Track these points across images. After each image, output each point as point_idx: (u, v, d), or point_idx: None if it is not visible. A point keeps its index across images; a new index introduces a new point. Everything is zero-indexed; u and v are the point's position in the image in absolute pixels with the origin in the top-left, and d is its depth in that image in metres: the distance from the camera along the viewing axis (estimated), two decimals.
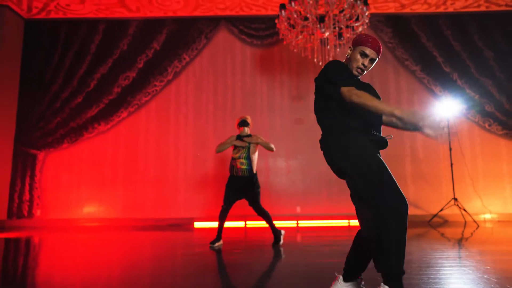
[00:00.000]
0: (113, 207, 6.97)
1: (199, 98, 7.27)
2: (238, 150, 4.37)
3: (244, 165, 4.30)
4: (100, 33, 7.29)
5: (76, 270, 3.57)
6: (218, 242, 4.31)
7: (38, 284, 3.02)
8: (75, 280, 3.17)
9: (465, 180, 6.83)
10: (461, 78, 7.01)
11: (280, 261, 3.76)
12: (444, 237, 5.23)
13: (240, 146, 4.35)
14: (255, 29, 7.27)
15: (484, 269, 3.08)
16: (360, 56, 2.09)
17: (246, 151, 4.36)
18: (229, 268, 3.60)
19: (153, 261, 3.94)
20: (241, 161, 4.31)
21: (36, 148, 6.94)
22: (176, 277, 3.19)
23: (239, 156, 4.33)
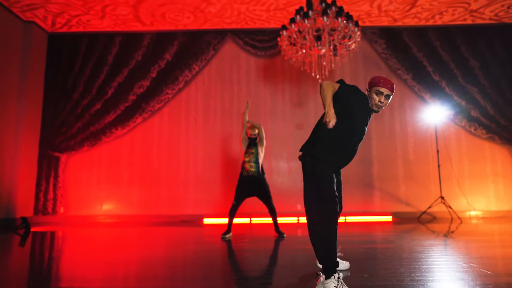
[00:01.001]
0: (130, 204, 7.56)
1: (207, 104, 7.86)
2: (249, 154, 5.07)
3: (253, 167, 5.04)
4: (117, 45, 7.87)
5: (96, 263, 3.90)
6: (228, 234, 4.99)
7: (62, 277, 3.33)
8: (96, 272, 3.47)
9: (452, 180, 7.41)
10: (449, 85, 7.58)
11: (282, 251, 4.35)
12: (430, 230, 5.83)
13: (251, 152, 5.04)
14: (259, 41, 7.85)
15: (465, 257, 3.62)
16: (376, 95, 2.55)
17: (255, 156, 5.08)
18: (236, 259, 4.11)
19: (167, 254, 4.30)
20: (251, 164, 5.03)
21: (59, 151, 7.54)
22: (188, 269, 3.55)
23: (249, 160, 5.04)
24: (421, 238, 4.85)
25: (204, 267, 3.50)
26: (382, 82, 2.54)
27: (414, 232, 5.85)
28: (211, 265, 3.62)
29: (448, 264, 3.21)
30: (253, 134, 5.12)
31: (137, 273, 3.44)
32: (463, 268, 3.00)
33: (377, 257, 3.62)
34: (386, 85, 2.53)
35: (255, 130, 5.14)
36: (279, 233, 5.06)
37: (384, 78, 2.56)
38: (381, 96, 2.54)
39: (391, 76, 7.90)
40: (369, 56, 7.96)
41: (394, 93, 2.62)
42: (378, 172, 7.61)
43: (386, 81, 2.55)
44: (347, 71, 7.87)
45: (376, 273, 2.92)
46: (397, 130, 7.75)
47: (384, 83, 2.54)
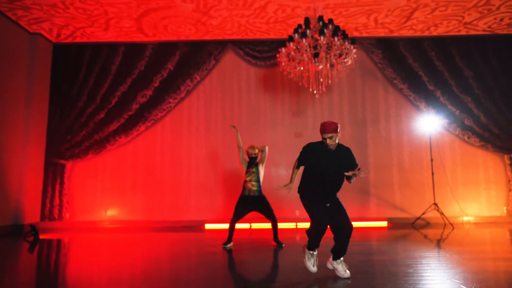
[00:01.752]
0: (133, 210, 7.78)
1: (209, 113, 8.05)
2: (250, 174, 5.24)
3: (254, 187, 5.22)
4: (120, 55, 8.04)
5: (102, 268, 4.11)
6: (229, 243, 5.19)
7: (69, 282, 3.52)
8: (102, 277, 3.67)
9: (445, 187, 7.64)
10: (443, 95, 7.78)
11: (282, 257, 4.57)
12: (425, 237, 6.07)
13: (251, 171, 5.22)
14: (259, 51, 8.04)
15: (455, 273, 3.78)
16: (324, 139, 3.39)
17: (256, 175, 5.24)
18: (236, 264, 4.32)
19: (170, 259, 4.55)
20: (252, 183, 5.21)
21: (65, 158, 7.73)
22: (191, 272, 3.78)
23: (250, 179, 5.21)
24: (413, 248, 5.08)
25: (206, 271, 3.64)
26: (322, 129, 3.37)
27: (408, 238, 6.10)
28: (213, 270, 3.77)
29: (436, 282, 3.42)
30: (253, 153, 5.27)
31: (142, 277, 3.62)
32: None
33: (368, 271, 3.83)
34: (326, 131, 3.35)
35: (255, 150, 5.28)
36: (278, 243, 5.23)
37: (324, 126, 3.37)
38: (326, 140, 3.36)
39: (387, 86, 8.11)
40: (366, 66, 8.15)
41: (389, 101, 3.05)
42: (374, 179, 7.83)
43: (325, 127, 3.36)
44: (344, 81, 8.07)
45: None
46: (393, 138, 7.96)
47: (324, 130, 3.37)
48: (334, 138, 3.36)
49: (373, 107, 8.07)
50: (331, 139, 3.34)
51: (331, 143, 3.35)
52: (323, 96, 8.02)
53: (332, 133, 3.33)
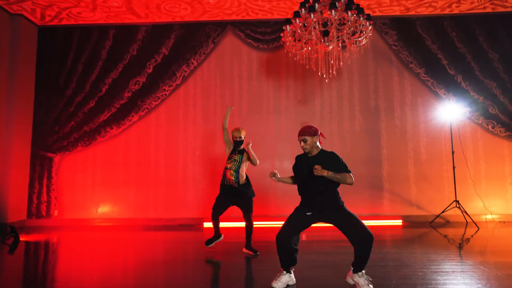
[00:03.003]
0: (126, 207, 7.25)
1: (207, 101, 7.45)
2: (231, 161, 4.63)
3: (233, 176, 4.58)
4: (111, 39, 7.44)
5: (92, 269, 3.89)
6: (218, 238, 4.70)
7: (58, 284, 3.31)
8: (93, 279, 3.48)
9: (467, 181, 6.96)
10: (465, 80, 7.05)
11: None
12: (448, 239, 5.44)
13: (234, 159, 4.62)
14: (261, 33, 7.36)
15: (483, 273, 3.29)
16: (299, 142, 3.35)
17: (237, 164, 4.61)
18: (236, 266, 3.91)
19: (166, 260, 4.25)
20: (231, 172, 4.59)
21: (52, 151, 7.21)
22: (188, 276, 3.51)
23: (230, 167, 4.60)
24: (432, 252, 4.48)
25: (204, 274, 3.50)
26: (298, 133, 3.35)
27: (426, 240, 5.51)
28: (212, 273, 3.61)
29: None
30: (237, 136, 4.65)
31: (135, 280, 3.46)
32: None
33: (381, 283, 3.24)
34: (299, 134, 3.32)
35: (240, 133, 4.66)
36: (252, 250, 4.60)
37: (301, 129, 3.34)
38: (300, 143, 3.31)
39: (402, 70, 7.40)
40: (379, 49, 7.43)
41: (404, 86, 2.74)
42: (387, 173, 7.18)
43: (300, 130, 3.33)
44: (355, 64, 7.39)
45: None
46: (409, 128, 7.28)
47: (299, 133, 3.34)
48: (309, 142, 3.26)
49: (386, 94, 7.36)
50: (305, 143, 3.27)
51: (305, 147, 3.27)
52: (331, 82, 7.37)
53: (305, 136, 3.27)
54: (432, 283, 3.32)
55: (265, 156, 7.16)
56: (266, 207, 7.11)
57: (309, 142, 3.26)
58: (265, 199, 7.13)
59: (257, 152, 7.00)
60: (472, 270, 3.76)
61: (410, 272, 3.69)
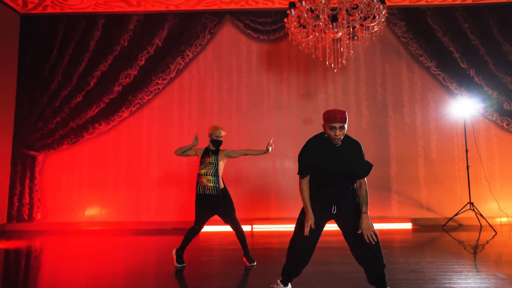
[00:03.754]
0: (116, 210, 6.79)
1: (203, 96, 7.01)
2: (205, 165, 4.05)
3: (211, 182, 3.99)
4: (100, 29, 6.97)
5: (79, 279, 3.64)
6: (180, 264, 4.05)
7: None
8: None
9: (481, 182, 6.56)
10: (478, 74, 6.64)
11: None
12: (462, 245, 5.03)
13: (208, 162, 4.05)
14: (262, 23, 6.92)
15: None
16: (330, 130, 2.71)
17: (214, 167, 4.04)
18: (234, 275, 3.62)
19: (157, 268, 4.00)
20: (208, 177, 4.00)
21: (35, 149, 6.73)
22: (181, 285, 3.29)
23: (205, 172, 4.03)
24: (444, 259, 4.05)
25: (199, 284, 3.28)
26: (330, 118, 2.69)
27: (437, 245, 5.11)
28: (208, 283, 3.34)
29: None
30: (218, 135, 4.08)
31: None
32: None
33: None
34: (336, 120, 2.68)
35: (221, 131, 4.08)
36: (250, 260, 4.06)
37: (333, 113, 2.70)
38: (335, 131, 2.70)
39: (411, 64, 6.98)
40: (387, 41, 6.99)
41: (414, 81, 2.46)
42: (396, 173, 6.74)
43: (335, 115, 2.69)
44: (362, 57, 6.95)
45: None
46: (418, 125, 6.86)
47: (332, 118, 2.69)
48: (344, 130, 2.74)
49: (395, 89, 6.93)
50: (341, 130, 2.71)
51: (340, 136, 2.71)
52: (336, 76, 6.94)
53: (342, 123, 2.70)
54: None
55: (266, 155, 6.48)
56: (267, 209, 6.70)
57: (344, 131, 2.74)
58: (265, 200, 6.72)
59: None
60: (488, 278, 3.41)
61: (419, 277, 3.30)
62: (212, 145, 4.12)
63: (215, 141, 4.09)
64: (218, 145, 4.11)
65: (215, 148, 4.12)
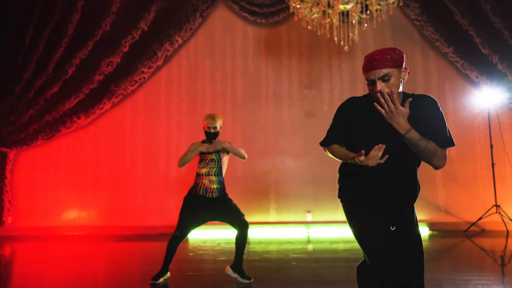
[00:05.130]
0: (96, 213, 6.51)
1: (194, 87, 6.72)
2: (206, 163, 3.50)
3: (214, 183, 3.45)
4: (79, 12, 6.49)
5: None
6: (164, 276, 3.49)
7: None
8: None
9: (507, 181, 6.09)
10: (502, 61, 6.13)
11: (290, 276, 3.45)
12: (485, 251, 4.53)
13: (209, 159, 3.50)
14: (259, 5, 6.57)
15: None
16: (369, 85, 1.84)
17: (217, 164, 3.49)
18: None
19: (142, 278, 3.77)
20: (210, 178, 3.45)
21: (6, 145, 6.36)
22: None
23: (207, 172, 3.47)
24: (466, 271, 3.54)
25: None
26: (367, 63, 1.82)
27: (457, 254, 4.67)
28: None
29: None
30: (212, 126, 3.48)
31: None
32: None
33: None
34: (373, 66, 1.78)
35: (215, 121, 3.50)
36: (245, 276, 3.42)
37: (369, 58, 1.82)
38: (374, 84, 1.80)
39: (427, 50, 6.53)
40: (399, 24, 6.57)
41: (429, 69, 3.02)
42: None
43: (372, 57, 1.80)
44: (371, 42, 6.52)
45: None
46: None
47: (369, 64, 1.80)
48: (394, 79, 1.77)
49: (408, 77, 6.26)
50: (386, 82, 1.77)
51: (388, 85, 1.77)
52: (342, 64, 6.69)
53: (388, 69, 1.76)
54: None
55: (264, 152, 6.47)
56: (265, 213, 6.38)
57: (395, 80, 1.78)
58: (263, 203, 6.39)
59: (254, 147, 6.31)
60: None
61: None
62: (208, 138, 3.54)
63: (209, 134, 3.50)
64: (213, 138, 3.52)
65: (212, 142, 3.54)
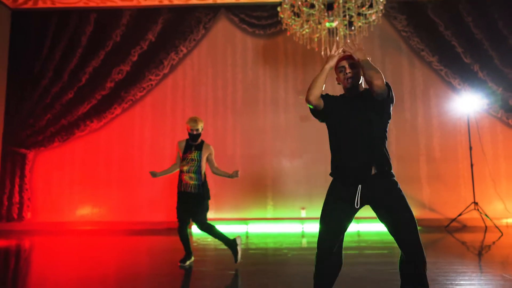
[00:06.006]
0: (108, 209, 6.75)
1: (197, 93, 7.00)
2: (187, 162, 3.84)
3: (193, 180, 3.80)
4: (92, 24, 6.96)
5: (69, 279, 3.60)
6: (189, 259, 3.90)
7: None
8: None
9: (486, 181, 6.38)
10: (482, 69, 6.50)
11: (286, 270, 3.60)
12: (466, 246, 4.84)
13: (190, 159, 3.84)
14: (257, 17, 6.89)
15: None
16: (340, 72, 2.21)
17: (197, 164, 3.83)
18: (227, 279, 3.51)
19: (149, 270, 3.94)
20: (190, 175, 3.80)
21: (26, 147, 6.70)
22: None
23: (187, 169, 3.82)
24: (448, 262, 3.85)
25: None
26: (340, 59, 2.23)
27: (440, 247, 4.92)
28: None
29: None
30: (194, 128, 3.81)
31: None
32: None
33: None
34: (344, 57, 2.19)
35: (197, 123, 3.83)
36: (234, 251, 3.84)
37: (342, 56, 2.21)
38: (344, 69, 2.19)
39: (413, 59, 6.85)
40: (387, 35, 6.88)
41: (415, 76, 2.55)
42: (397, 172, 6.35)
43: (344, 56, 2.19)
44: None
45: None
46: (420, 122, 6.71)
47: (341, 57, 2.21)
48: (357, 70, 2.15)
49: (395, 84, 6.65)
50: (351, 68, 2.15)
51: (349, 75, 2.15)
52: (332, 72, 6.75)
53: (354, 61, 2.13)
54: None
55: (262, 154, 6.76)
56: (263, 209, 6.65)
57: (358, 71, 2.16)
58: (261, 200, 6.66)
59: (252, 149, 6.73)
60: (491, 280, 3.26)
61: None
62: (191, 139, 3.89)
63: (192, 136, 3.84)
64: (195, 139, 3.87)
65: (195, 142, 3.88)
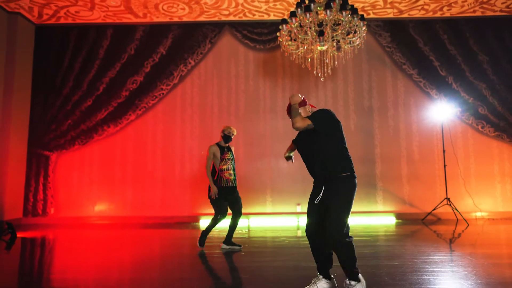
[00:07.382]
0: (123, 205, 7.27)
1: (204, 101, 7.51)
2: (225, 161, 4.61)
3: (232, 175, 4.60)
4: (108, 38, 7.47)
5: (88, 268, 3.93)
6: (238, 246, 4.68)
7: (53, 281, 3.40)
8: (88, 277, 3.55)
9: (458, 180, 7.13)
10: (456, 81, 7.23)
11: (283, 261, 4.04)
12: (438, 236, 5.57)
13: (227, 158, 4.62)
14: (258, 33, 7.47)
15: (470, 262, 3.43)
16: None
17: (232, 162, 4.65)
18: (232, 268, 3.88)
19: (161, 260, 4.26)
20: (230, 172, 4.59)
21: (49, 149, 7.20)
22: (184, 277, 3.49)
23: (227, 167, 4.59)
24: (423, 247, 4.57)
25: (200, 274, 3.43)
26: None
27: (417, 236, 5.59)
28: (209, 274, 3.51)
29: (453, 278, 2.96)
30: (232, 133, 4.66)
31: (131, 274, 3.54)
32: None
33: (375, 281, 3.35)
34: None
35: (233, 130, 4.67)
36: (231, 244, 4.64)
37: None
38: None
39: (395, 71, 7.56)
40: (373, 50, 7.59)
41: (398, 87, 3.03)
42: (381, 172, 7.32)
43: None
44: (349, 66, 7.53)
45: None
46: (402, 128, 7.43)
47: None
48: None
49: (380, 94, 7.52)
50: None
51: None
52: (327, 82, 7.50)
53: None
54: (421, 271, 3.48)
55: (262, 155, 7.34)
56: (263, 205, 7.24)
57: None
58: (261, 197, 7.25)
59: (253, 151, 7.32)
60: (460, 260, 3.95)
61: (401, 262, 3.84)
62: (223, 141, 4.65)
63: (227, 137, 4.63)
64: (228, 141, 4.65)
65: (227, 144, 4.67)
